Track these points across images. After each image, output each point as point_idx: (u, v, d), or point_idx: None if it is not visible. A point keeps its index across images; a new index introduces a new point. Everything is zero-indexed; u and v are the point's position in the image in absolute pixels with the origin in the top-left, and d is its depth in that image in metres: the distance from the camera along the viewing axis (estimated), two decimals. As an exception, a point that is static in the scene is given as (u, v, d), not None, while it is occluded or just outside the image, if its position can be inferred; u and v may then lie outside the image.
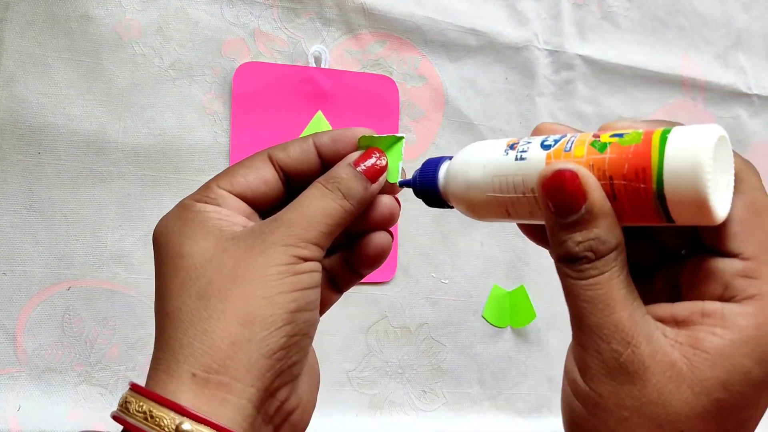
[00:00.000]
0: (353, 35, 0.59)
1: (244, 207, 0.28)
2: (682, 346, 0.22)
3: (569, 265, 0.23)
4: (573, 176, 0.23)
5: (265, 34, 0.57)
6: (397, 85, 0.60)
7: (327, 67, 0.58)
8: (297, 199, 0.28)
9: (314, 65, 0.57)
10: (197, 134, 0.55)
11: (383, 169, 0.29)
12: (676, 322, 0.23)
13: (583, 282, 0.23)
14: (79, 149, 0.52)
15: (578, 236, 0.23)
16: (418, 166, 0.32)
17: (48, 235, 0.51)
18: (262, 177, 0.29)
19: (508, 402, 0.62)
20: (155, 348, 0.26)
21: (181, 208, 0.28)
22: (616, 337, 0.22)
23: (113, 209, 0.53)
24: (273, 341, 0.25)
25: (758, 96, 0.74)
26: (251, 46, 0.56)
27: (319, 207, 0.27)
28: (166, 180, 0.54)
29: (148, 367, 0.26)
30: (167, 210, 0.29)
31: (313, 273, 0.26)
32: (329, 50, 0.58)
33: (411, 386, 0.59)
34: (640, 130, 0.23)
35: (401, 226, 0.59)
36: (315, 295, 0.27)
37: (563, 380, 0.25)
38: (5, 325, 0.51)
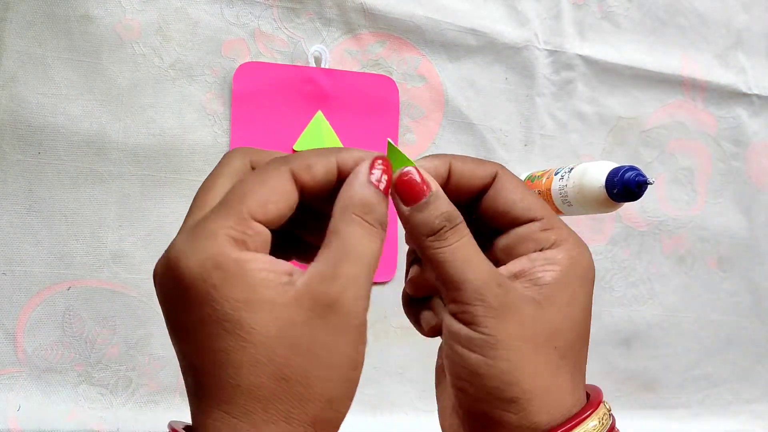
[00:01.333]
0: (353, 35, 0.59)
1: (269, 239, 0.26)
2: (529, 287, 0.28)
3: (432, 237, 0.28)
4: (416, 172, 0.28)
5: (265, 34, 0.57)
6: (397, 85, 0.60)
7: (327, 67, 0.58)
8: (341, 240, 0.26)
9: (314, 65, 0.57)
10: (197, 134, 0.55)
11: (390, 176, 0.28)
12: (514, 276, 0.28)
13: (452, 246, 0.27)
14: (79, 149, 0.52)
15: (434, 212, 0.28)
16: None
17: (48, 235, 0.51)
18: (289, 201, 0.27)
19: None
20: (213, 407, 0.25)
21: (218, 250, 0.25)
22: (492, 282, 0.27)
23: (113, 209, 0.53)
24: (340, 420, 0.27)
25: (758, 96, 0.74)
26: (251, 46, 0.56)
27: (369, 252, 0.26)
28: (166, 180, 0.54)
29: (185, 393, 0.25)
30: (167, 210, 0.27)
31: (366, 335, 0.27)
32: (329, 50, 0.58)
33: (411, 386, 0.59)
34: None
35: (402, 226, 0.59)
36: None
37: (446, 350, 0.28)
38: (5, 325, 0.51)
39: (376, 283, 0.58)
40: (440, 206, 0.28)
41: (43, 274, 0.51)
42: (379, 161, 0.28)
